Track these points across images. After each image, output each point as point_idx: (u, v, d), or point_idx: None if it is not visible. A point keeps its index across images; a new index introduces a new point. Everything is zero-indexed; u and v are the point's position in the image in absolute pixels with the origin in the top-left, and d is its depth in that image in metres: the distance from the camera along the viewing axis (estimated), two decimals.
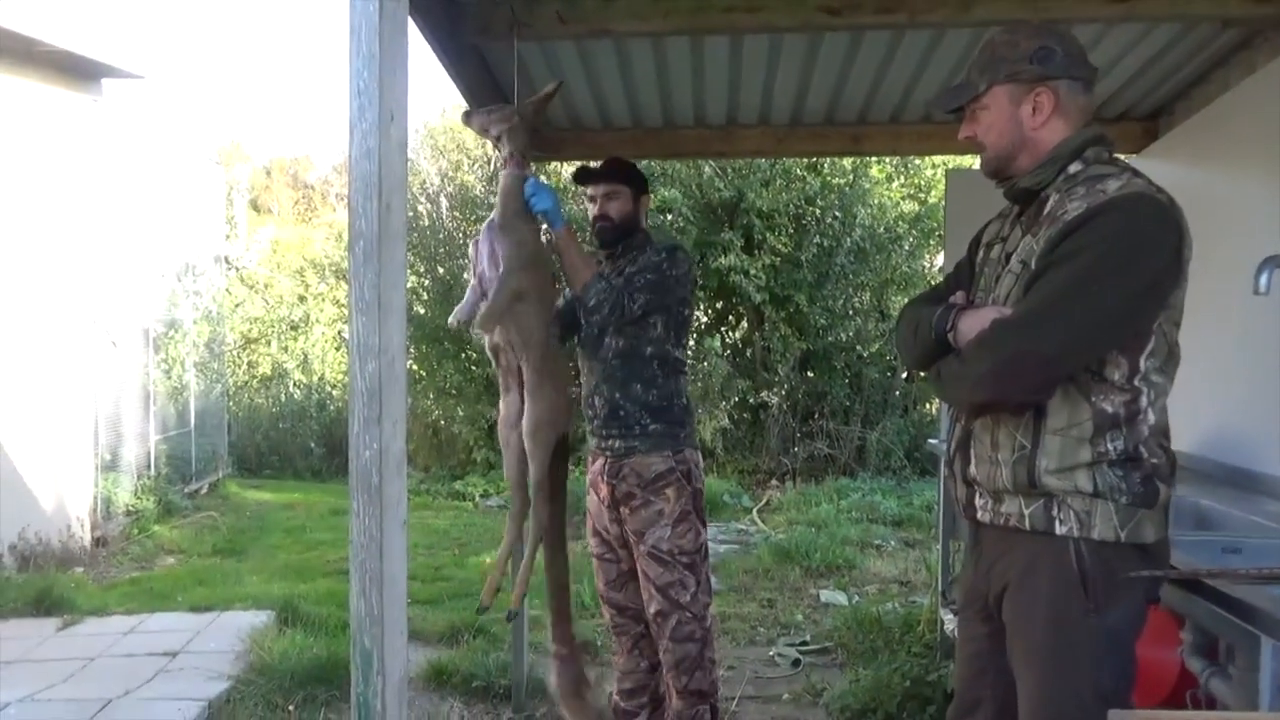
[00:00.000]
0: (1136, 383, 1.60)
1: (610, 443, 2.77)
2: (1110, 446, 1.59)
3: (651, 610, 2.74)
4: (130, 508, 6.97)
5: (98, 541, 6.41)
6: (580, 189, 2.97)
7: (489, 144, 2.73)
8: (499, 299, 2.48)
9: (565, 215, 2.65)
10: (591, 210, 2.84)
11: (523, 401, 2.59)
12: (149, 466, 7.61)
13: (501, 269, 2.50)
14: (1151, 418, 1.62)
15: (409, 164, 2.41)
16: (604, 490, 2.80)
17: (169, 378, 8.24)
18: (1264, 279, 2.02)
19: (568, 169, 9.38)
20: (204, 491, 8.44)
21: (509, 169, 2.58)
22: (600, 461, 2.81)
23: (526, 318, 2.54)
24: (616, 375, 2.74)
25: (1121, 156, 4.09)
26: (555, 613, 2.80)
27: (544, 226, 2.66)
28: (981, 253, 1.84)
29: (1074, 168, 1.67)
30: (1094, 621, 1.59)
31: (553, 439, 2.61)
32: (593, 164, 2.91)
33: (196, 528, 7.14)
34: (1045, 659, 1.63)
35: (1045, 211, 1.66)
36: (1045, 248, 1.61)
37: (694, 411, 2.85)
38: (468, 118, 2.71)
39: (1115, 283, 1.55)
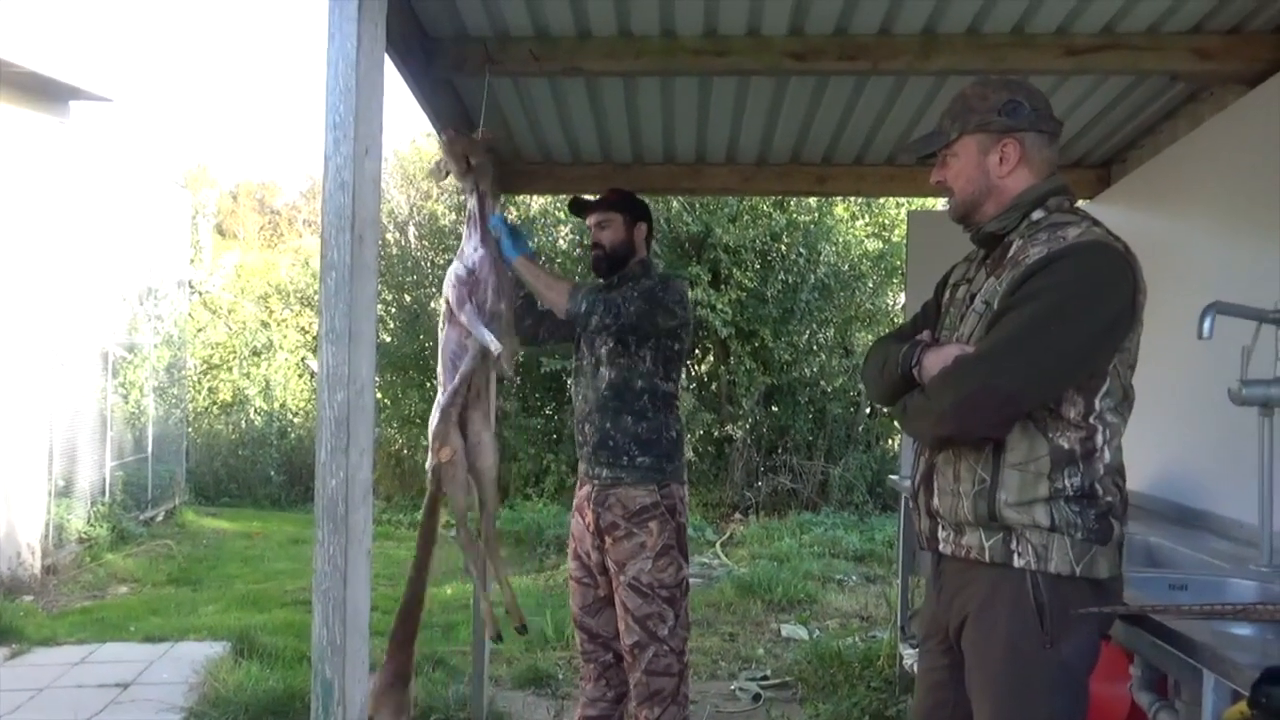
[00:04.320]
0: (1092, 421, 1.66)
1: (598, 471, 2.78)
2: (1067, 483, 1.64)
3: (628, 642, 2.73)
4: (83, 535, 6.82)
5: (48, 569, 6.26)
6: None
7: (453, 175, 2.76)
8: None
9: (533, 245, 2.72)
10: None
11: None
12: (104, 493, 7.45)
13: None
14: (1107, 456, 1.67)
15: None
16: (589, 516, 2.81)
17: (127, 402, 8.10)
18: (1207, 324, 2.09)
19: (536, 201, 9.46)
20: (160, 519, 8.28)
21: (489, 207, 2.65)
22: (587, 488, 2.83)
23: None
24: (609, 406, 2.76)
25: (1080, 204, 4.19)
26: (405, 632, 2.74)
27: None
28: (948, 293, 1.90)
29: (1037, 215, 1.74)
30: (1049, 654, 1.63)
31: None
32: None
33: (151, 556, 7.01)
34: (1002, 690, 1.67)
35: (1009, 255, 1.73)
36: (1007, 289, 1.68)
37: (683, 445, 2.86)
38: (449, 169, 2.72)
39: (1073, 324, 1.62)
